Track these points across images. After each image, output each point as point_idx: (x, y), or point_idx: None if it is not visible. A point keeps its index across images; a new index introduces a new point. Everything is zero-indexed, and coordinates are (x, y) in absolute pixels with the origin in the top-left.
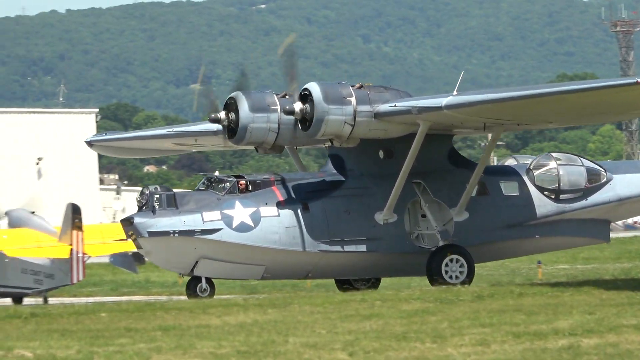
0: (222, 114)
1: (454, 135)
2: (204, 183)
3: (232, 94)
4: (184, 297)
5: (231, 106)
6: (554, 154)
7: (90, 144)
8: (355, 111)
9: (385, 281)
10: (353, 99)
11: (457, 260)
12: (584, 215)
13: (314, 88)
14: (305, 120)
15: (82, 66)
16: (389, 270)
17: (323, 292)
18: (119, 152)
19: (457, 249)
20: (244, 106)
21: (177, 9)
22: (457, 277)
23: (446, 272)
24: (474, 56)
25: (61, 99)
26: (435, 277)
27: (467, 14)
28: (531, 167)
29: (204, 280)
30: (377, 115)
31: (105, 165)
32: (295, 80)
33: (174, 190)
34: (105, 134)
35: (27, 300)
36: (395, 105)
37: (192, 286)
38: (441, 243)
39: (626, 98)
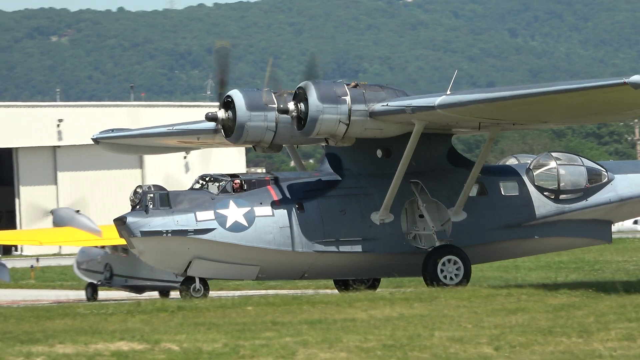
0: (219, 112)
1: (453, 135)
2: (198, 182)
3: (230, 92)
4: (330, 291)
5: (229, 104)
6: (554, 154)
7: (96, 141)
8: (350, 110)
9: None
10: (348, 98)
11: (454, 262)
12: (584, 216)
13: (309, 87)
14: (300, 119)
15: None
16: (385, 271)
17: (470, 287)
18: (124, 150)
19: (454, 249)
20: (241, 104)
21: (324, 2)
22: (452, 278)
23: (442, 271)
24: (621, 50)
25: (209, 92)
26: (431, 278)
27: (614, 8)
28: (531, 167)
29: (197, 281)
30: (373, 115)
31: (252, 159)
32: (282, 88)
33: (168, 190)
34: (112, 130)
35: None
36: (388, 105)
37: (186, 286)
38: (437, 243)
39: (615, 98)
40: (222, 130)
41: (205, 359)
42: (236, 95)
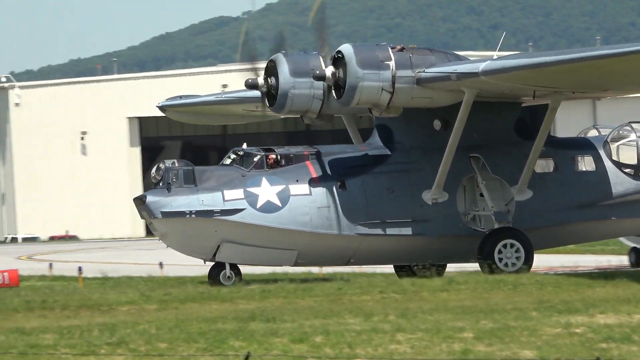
0: (260, 79)
1: (523, 104)
2: (229, 157)
3: (272, 56)
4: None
5: (271, 70)
6: (635, 125)
7: (162, 109)
8: (394, 77)
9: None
10: (392, 63)
11: (512, 245)
12: None
13: (347, 50)
14: (339, 87)
15: None
16: (439, 256)
17: None
18: (190, 118)
19: (513, 232)
20: (284, 70)
21: None
22: (513, 264)
23: (500, 259)
24: None
25: None
26: (487, 265)
27: None
28: (608, 140)
29: (228, 267)
30: (420, 82)
31: None
32: (327, 43)
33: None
34: (180, 97)
35: None
36: (434, 71)
37: (215, 274)
38: (496, 225)
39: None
40: (266, 99)
41: None
42: (279, 59)
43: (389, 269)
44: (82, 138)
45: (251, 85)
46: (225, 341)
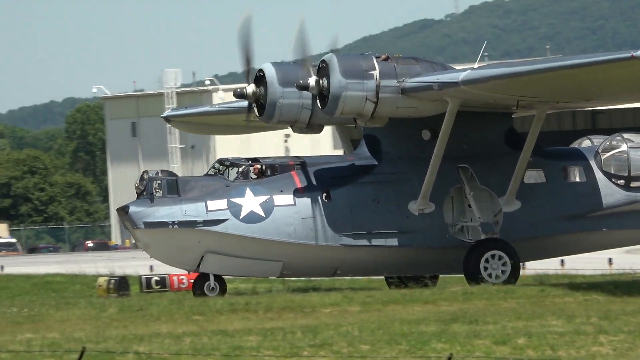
0: (249, 88)
1: (513, 114)
2: (214, 167)
3: (262, 66)
4: None
5: (261, 80)
6: (626, 135)
7: (167, 119)
8: (378, 86)
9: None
10: (376, 73)
11: (500, 257)
12: None
13: (331, 60)
14: (324, 97)
15: None
16: (426, 267)
17: None
18: (195, 129)
19: (499, 244)
20: (272, 79)
21: None
22: (497, 276)
23: (486, 269)
24: None
25: None
26: (473, 276)
27: None
28: (599, 150)
29: (212, 278)
30: (404, 91)
31: None
32: (309, 52)
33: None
34: (186, 108)
35: None
36: (417, 80)
37: (199, 285)
38: (483, 236)
39: (628, 74)
40: (255, 109)
41: None
42: (268, 69)
43: None
44: (286, 140)
45: (239, 95)
46: (427, 343)
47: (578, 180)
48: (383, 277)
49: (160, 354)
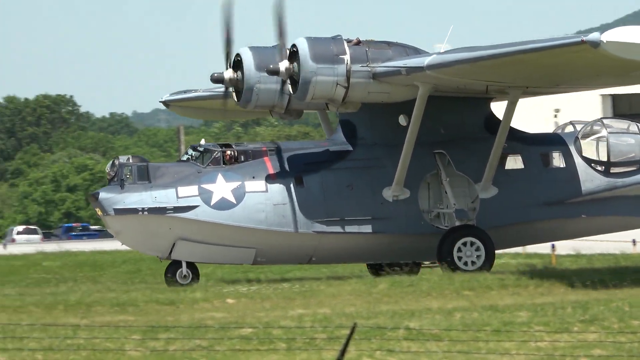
0: (226, 73)
1: (492, 99)
2: (187, 153)
3: (240, 50)
4: None
5: (239, 64)
6: (606, 120)
7: (166, 103)
8: (349, 71)
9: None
10: (347, 57)
11: (472, 244)
12: None
13: (302, 44)
14: (294, 81)
15: None
16: (402, 254)
17: None
18: (193, 113)
19: (473, 230)
20: (249, 64)
21: None
22: (473, 262)
23: (459, 257)
24: None
25: None
26: (447, 263)
27: None
28: (579, 136)
29: (184, 265)
30: (376, 76)
31: None
32: (284, 37)
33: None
34: (185, 92)
35: None
36: (387, 65)
37: (171, 272)
38: (457, 223)
39: (581, 59)
40: (234, 94)
41: None
42: (245, 53)
43: None
44: (555, 116)
45: (216, 80)
46: None
47: (557, 166)
48: (365, 264)
49: (430, 329)
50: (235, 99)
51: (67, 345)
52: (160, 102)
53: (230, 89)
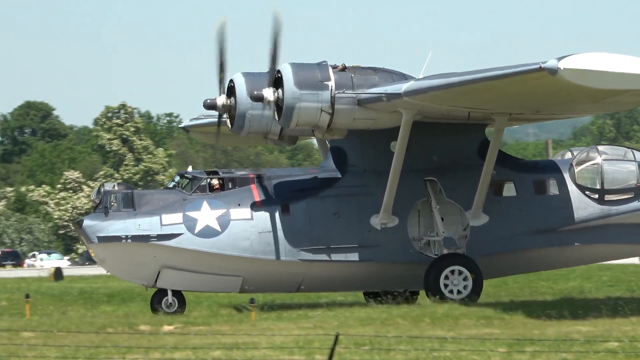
0: (219, 99)
1: (487, 125)
2: (174, 180)
3: (233, 76)
4: None
5: (232, 90)
6: (600, 147)
7: (186, 129)
8: (333, 97)
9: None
10: (331, 83)
11: (460, 272)
12: (637, 219)
13: (286, 70)
14: (279, 108)
15: None
16: (391, 283)
17: None
18: (213, 138)
19: (461, 259)
20: (242, 90)
21: None
22: (459, 292)
23: (446, 285)
24: None
25: None
26: (433, 292)
27: None
28: (573, 163)
29: (170, 294)
30: (361, 103)
31: None
32: (274, 62)
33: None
34: (204, 117)
35: None
36: (370, 92)
37: (157, 300)
38: (445, 251)
39: (541, 86)
40: (228, 121)
41: None
42: (238, 79)
43: None
44: None
45: (209, 106)
46: None
47: (550, 193)
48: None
49: None
50: (230, 126)
51: (434, 358)
52: (179, 127)
53: (225, 115)
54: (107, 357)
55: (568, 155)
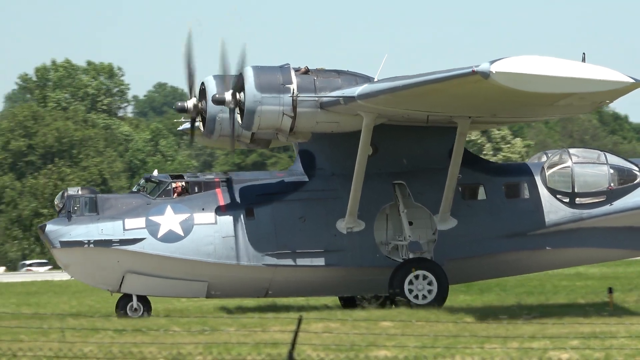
0: (190, 102)
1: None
2: (138, 184)
3: (205, 79)
4: None
5: (202, 93)
6: (572, 150)
7: (185, 132)
8: (295, 100)
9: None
10: (293, 86)
11: (425, 277)
12: (610, 223)
13: (248, 73)
14: (242, 111)
15: None
16: (358, 288)
17: None
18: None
19: (426, 263)
20: (212, 93)
21: None
22: (424, 296)
23: (410, 290)
24: None
25: None
26: (397, 296)
27: None
28: (545, 166)
29: (135, 299)
30: (323, 106)
31: None
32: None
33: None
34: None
35: None
36: (330, 95)
37: (122, 305)
38: (410, 256)
39: (476, 90)
40: (200, 124)
41: None
42: (209, 82)
43: None
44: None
45: (180, 109)
46: None
47: (521, 196)
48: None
49: None
50: (202, 129)
51: None
52: (178, 130)
53: (198, 119)
54: (465, 347)
55: (544, 158)
